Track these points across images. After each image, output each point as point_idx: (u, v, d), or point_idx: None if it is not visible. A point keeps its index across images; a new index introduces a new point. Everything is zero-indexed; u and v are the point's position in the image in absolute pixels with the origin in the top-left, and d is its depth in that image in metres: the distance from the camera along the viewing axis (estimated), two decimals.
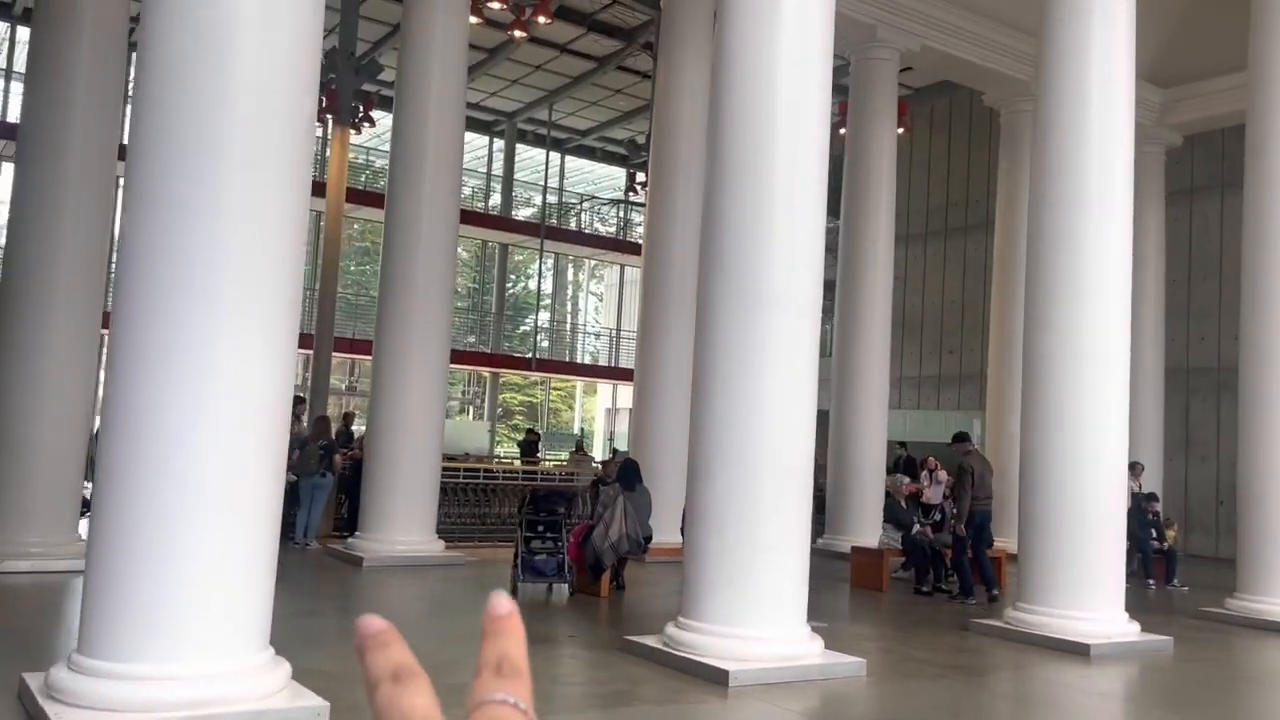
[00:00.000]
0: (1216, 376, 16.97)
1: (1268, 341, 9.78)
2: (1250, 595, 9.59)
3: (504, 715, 0.44)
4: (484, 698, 0.44)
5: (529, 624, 0.49)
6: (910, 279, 22.72)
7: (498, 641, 0.47)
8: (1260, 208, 10.03)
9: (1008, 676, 7.03)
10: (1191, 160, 17.29)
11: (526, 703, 0.45)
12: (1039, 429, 8.21)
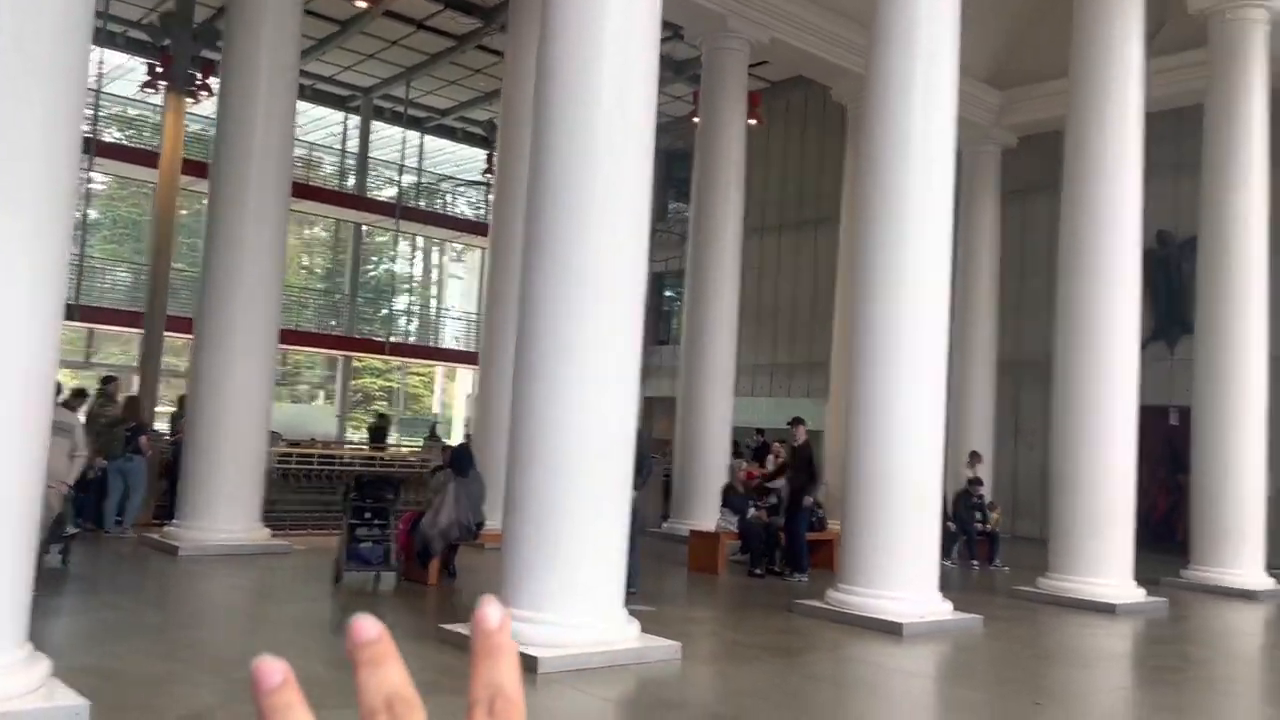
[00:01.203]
0: (1045, 369, 17.84)
1: (1078, 336, 10.29)
2: (1059, 575, 10.10)
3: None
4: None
5: (350, 612, 0.38)
6: (764, 269, 23.14)
7: (489, 667, 0.40)
8: (1074, 209, 10.54)
9: (822, 657, 7.18)
10: (1025, 160, 18.10)
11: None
12: (860, 416, 8.42)
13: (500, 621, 0.42)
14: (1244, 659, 8.62)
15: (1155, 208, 16.98)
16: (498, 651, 0.41)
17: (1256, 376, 12.01)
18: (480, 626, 0.42)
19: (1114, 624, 9.15)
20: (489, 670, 0.41)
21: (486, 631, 0.41)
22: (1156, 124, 16.86)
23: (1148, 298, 17.07)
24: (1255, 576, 11.65)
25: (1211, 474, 11.98)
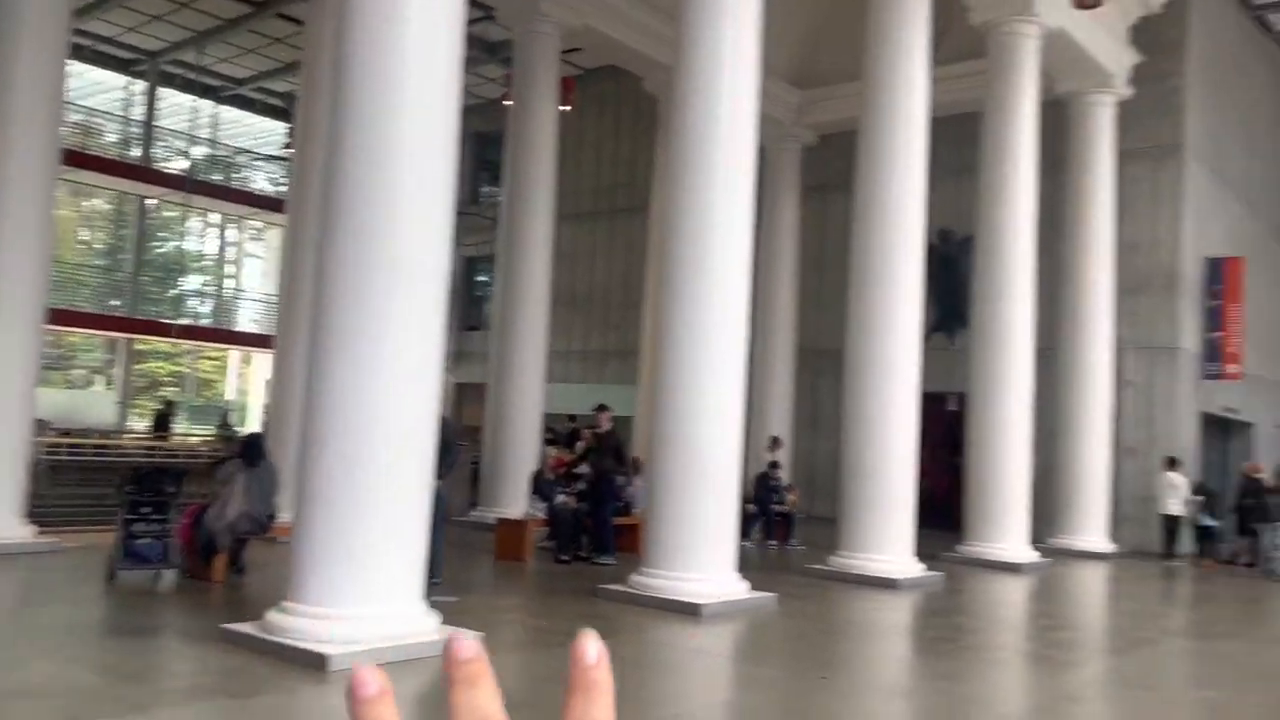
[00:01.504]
0: (841, 358, 18.76)
1: (866, 327, 10.85)
2: (848, 553, 10.64)
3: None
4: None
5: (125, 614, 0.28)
6: (578, 256, 23.20)
7: (584, 703, 0.40)
8: (865, 207, 11.09)
9: (623, 640, 7.27)
10: (825, 157, 18.92)
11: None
12: (664, 402, 8.57)
13: (598, 657, 0.40)
14: (1009, 627, 9.36)
15: (939, 207, 18.11)
16: (594, 688, 0.40)
17: (1023, 366, 13.04)
18: (578, 660, 0.40)
19: (896, 598, 9.73)
20: (584, 706, 0.39)
21: (585, 666, 0.40)
22: (941, 128, 17.97)
23: (931, 292, 18.22)
24: (1020, 550, 12.69)
25: (983, 456, 12.94)
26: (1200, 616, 10.93)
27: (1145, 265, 16.41)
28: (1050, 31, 13.43)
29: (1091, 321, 15.15)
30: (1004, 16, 13.19)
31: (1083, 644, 8.53)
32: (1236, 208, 18.72)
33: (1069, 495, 14.96)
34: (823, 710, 5.70)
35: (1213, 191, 17.56)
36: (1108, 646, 8.54)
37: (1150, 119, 16.35)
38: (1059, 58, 14.52)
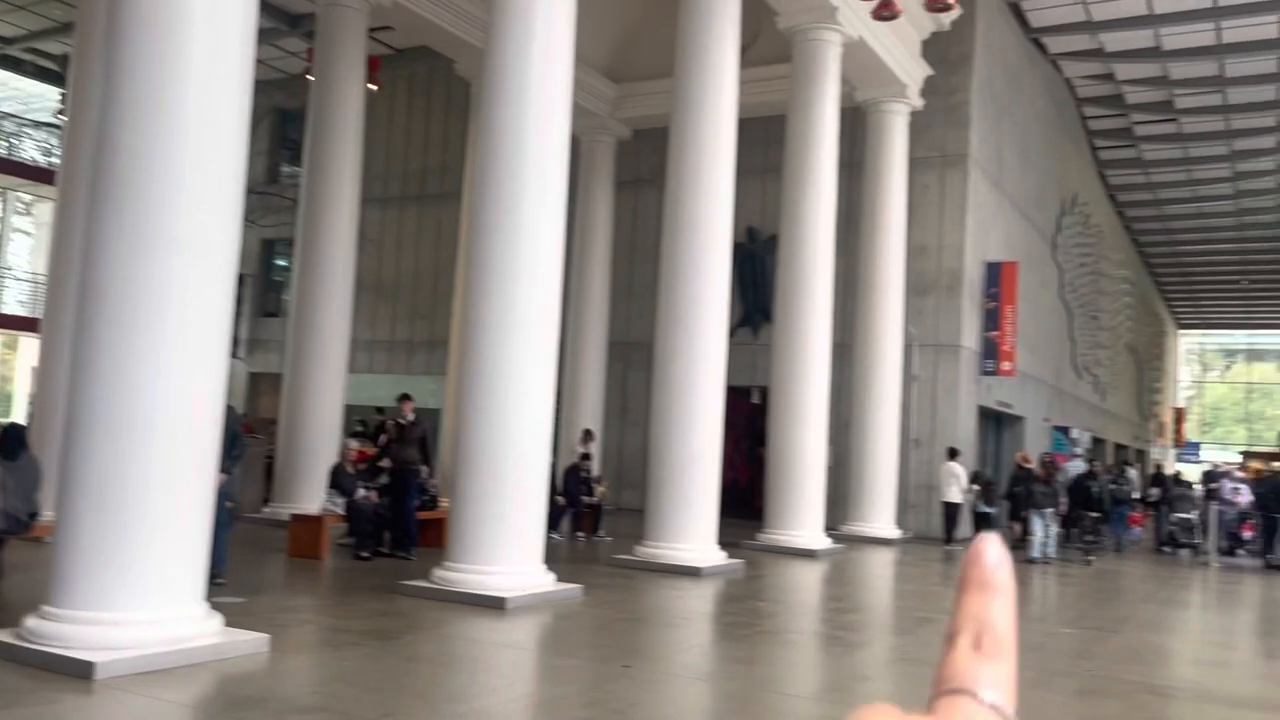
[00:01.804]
0: (650, 350, 19.03)
1: (675, 321, 11.02)
2: (654, 543, 10.79)
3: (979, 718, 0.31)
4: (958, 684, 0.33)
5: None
6: (387, 242, 22.51)
7: (980, 601, 0.37)
8: (675, 203, 11.25)
9: (423, 637, 7.06)
10: (639, 152, 19.11)
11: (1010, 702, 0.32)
12: (471, 393, 8.39)
13: (1000, 559, 0.37)
14: (803, 611, 9.72)
15: (746, 206, 18.71)
16: (993, 588, 0.36)
17: (820, 361, 13.61)
18: (977, 558, 0.37)
19: (698, 586, 9.93)
20: (979, 603, 0.36)
21: (984, 564, 0.37)
22: (749, 129, 18.51)
23: (737, 288, 18.75)
24: (816, 537, 13.25)
25: (783, 447, 13.42)
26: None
27: (932, 267, 17.48)
28: (851, 41, 14.06)
29: (883, 319, 15.99)
30: (808, 23, 13.69)
31: (870, 625, 8.97)
32: (1013, 216, 20.24)
33: (860, 484, 15.75)
34: (624, 699, 5.71)
35: (992, 200, 18.90)
36: (893, 626, 9.01)
37: (939, 130, 17.41)
38: (859, 66, 15.22)
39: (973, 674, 0.35)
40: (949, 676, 0.35)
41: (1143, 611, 10.64)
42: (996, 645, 0.36)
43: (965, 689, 0.34)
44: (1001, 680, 0.35)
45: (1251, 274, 38.67)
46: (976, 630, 0.36)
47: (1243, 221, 32.63)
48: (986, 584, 0.38)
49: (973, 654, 0.36)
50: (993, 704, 0.34)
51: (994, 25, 18.66)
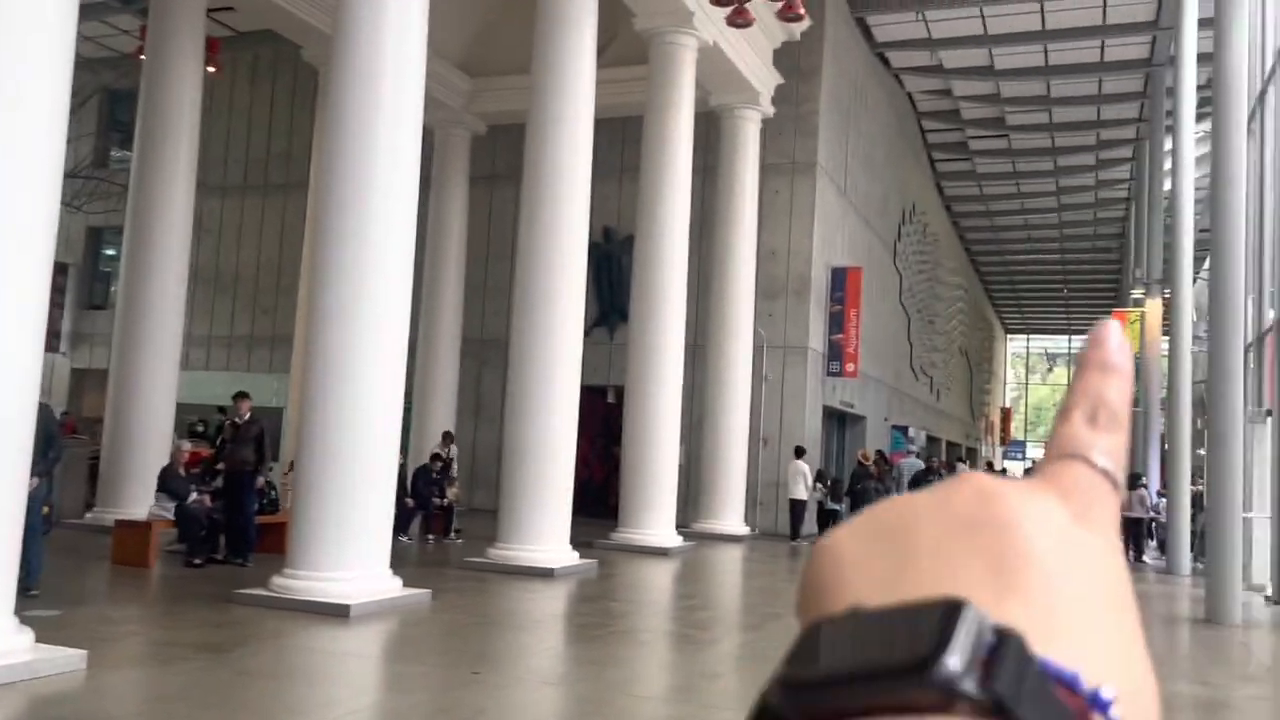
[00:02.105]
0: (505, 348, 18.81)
1: (530, 319, 10.90)
2: (507, 544, 10.64)
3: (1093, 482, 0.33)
4: (1071, 449, 0.34)
5: None
6: (226, 233, 21.48)
7: (1100, 380, 0.36)
8: (532, 201, 11.13)
9: (260, 648, 6.73)
10: (494, 148, 18.86)
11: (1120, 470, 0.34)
12: (314, 391, 8.06)
13: (1122, 343, 0.36)
14: (656, 610, 9.78)
15: (603, 206, 18.72)
16: (1114, 370, 0.36)
17: (674, 360, 13.75)
18: (1101, 340, 0.36)
19: (551, 587, 9.85)
20: (1099, 382, 0.35)
21: (1107, 347, 0.36)
22: (606, 129, 18.53)
23: (593, 287, 18.73)
24: (668, 535, 13.37)
25: (637, 446, 13.49)
26: None
27: (782, 271, 17.94)
28: (707, 46, 14.24)
29: (735, 321, 16.28)
30: (665, 26, 13.79)
31: (720, 622, 9.10)
32: (857, 223, 21.00)
33: (712, 482, 16.00)
34: (473, 706, 5.58)
35: (839, 207, 19.56)
36: (742, 623, 9.17)
37: (789, 137, 17.88)
38: (714, 72, 15.45)
39: (1087, 441, 0.35)
40: (1063, 443, 0.35)
41: None
42: (1112, 420, 0.36)
43: (1079, 454, 0.34)
44: (1115, 450, 0.35)
45: (1072, 283, 41.41)
46: (1092, 406, 0.36)
47: (1064, 234, 34.91)
48: (1108, 365, 0.37)
49: (1087, 426, 0.35)
50: (1104, 469, 0.34)
51: (841, 39, 19.30)
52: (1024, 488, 0.33)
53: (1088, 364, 0.37)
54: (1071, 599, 0.30)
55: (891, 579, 0.30)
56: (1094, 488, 0.34)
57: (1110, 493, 0.34)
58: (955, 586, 0.29)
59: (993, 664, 0.25)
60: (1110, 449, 0.35)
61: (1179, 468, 14.78)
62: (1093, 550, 0.32)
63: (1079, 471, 0.34)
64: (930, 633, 0.26)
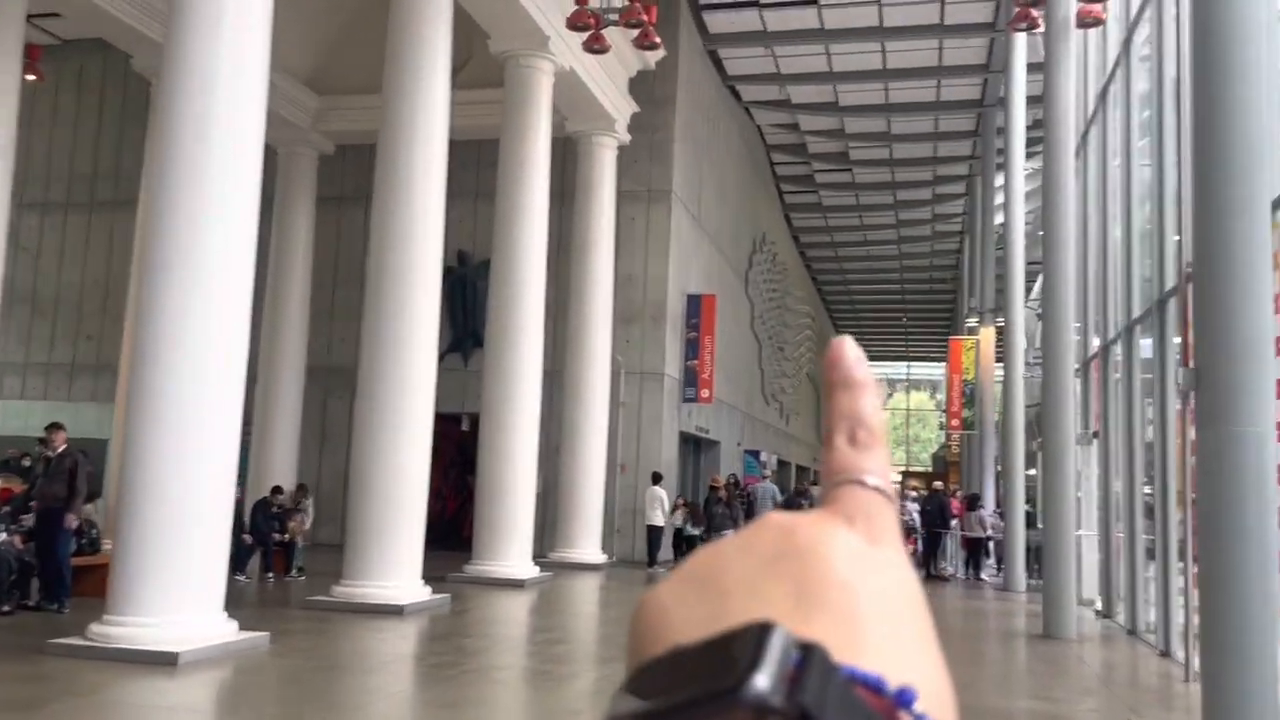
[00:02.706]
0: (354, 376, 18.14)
1: (382, 345, 10.49)
2: (353, 580, 10.13)
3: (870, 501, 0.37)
4: (846, 475, 0.38)
5: None
6: (46, 252, 19.99)
7: (849, 398, 0.39)
8: (383, 223, 10.74)
9: (75, 705, 6.12)
10: (343, 168, 18.24)
11: (888, 483, 0.38)
12: (141, 422, 7.46)
13: (857, 357, 0.40)
14: (511, 645, 9.48)
15: (458, 229, 18.38)
16: (857, 386, 0.39)
17: (531, 386, 13.51)
18: (837, 359, 0.39)
19: (401, 625, 9.42)
20: (848, 400, 0.39)
21: (845, 364, 0.39)
22: (462, 151, 18.21)
23: (447, 312, 18.33)
24: (524, 567, 13.07)
25: (493, 475, 13.16)
26: None
27: (639, 297, 17.99)
28: (563, 71, 14.18)
29: (592, 347, 16.19)
30: (520, 50, 13.66)
31: (578, 656, 8.89)
32: (711, 251, 21.33)
33: (569, 510, 15.79)
34: None
35: (693, 235, 19.81)
36: (600, 656, 8.98)
37: (644, 165, 18.01)
38: (571, 97, 15.40)
39: (854, 464, 0.37)
40: (835, 471, 0.38)
41: None
42: (870, 436, 0.38)
43: (851, 479, 0.37)
44: (880, 465, 0.38)
45: (910, 312, 43.34)
46: (850, 426, 0.38)
47: (904, 265, 36.51)
48: (851, 382, 0.39)
49: (850, 448, 0.38)
50: (875, 486, 0.37)
51: (695, 70, 19.64)
52: (816, 519, 0.35)
53: (832, 385, 0.39)
54: (871, 611, 0.32)
55: (709, 618, 0.32)
56: (871, 506, 0.36)
57: (886, 505, 0.37)
58: (765, 613, 0.31)
59: (799, 677, 0.27)
60: (875, 466, 0.37)
61: (1014, 488, 15.50)
62: (884, 563, 0.35)
63: (856, 494, 0.37)
64: (742, 656, 0.28)
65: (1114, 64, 12.05)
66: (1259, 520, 4.31)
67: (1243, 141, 4.65)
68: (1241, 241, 4.72)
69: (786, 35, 19.81)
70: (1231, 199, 4.65)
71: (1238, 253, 4.73)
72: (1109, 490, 12.29)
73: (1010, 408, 15.75)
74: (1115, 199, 12.32)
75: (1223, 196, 4.70)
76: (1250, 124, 4.67)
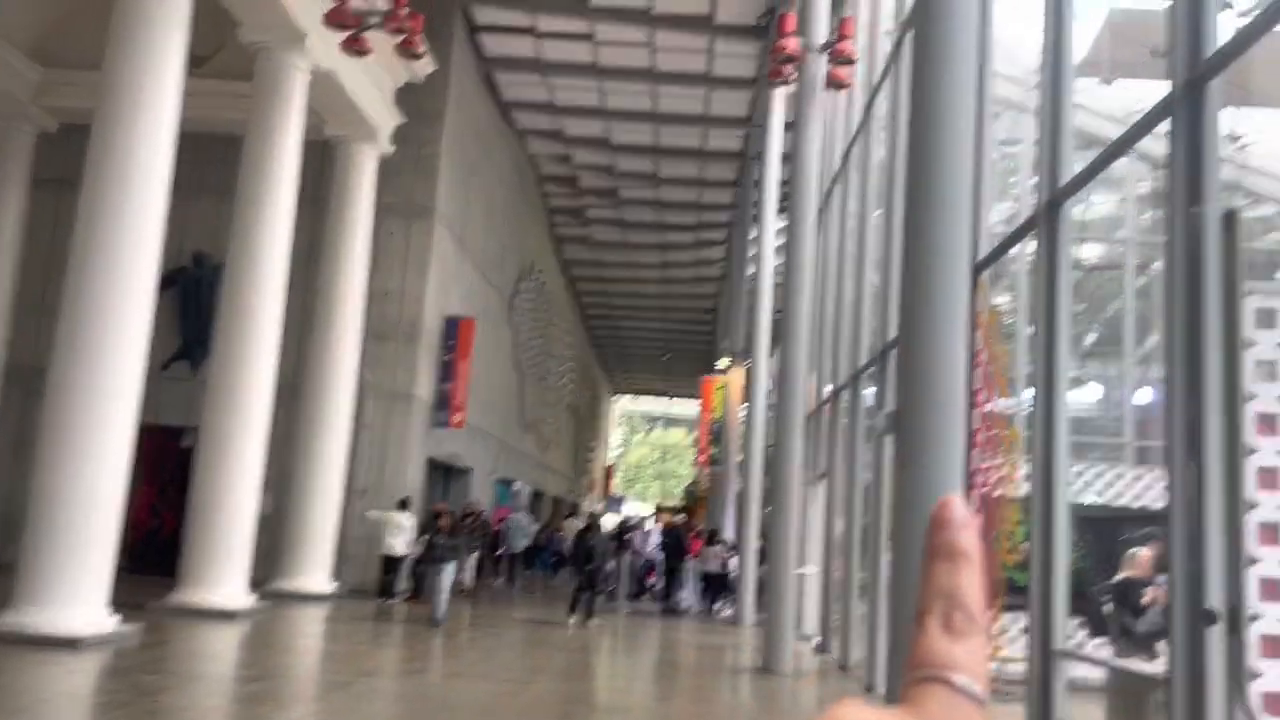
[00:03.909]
0: None
1: (78, 346, 9.47)
2: (26, 608, 8.92)
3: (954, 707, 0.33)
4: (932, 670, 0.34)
5: None
6: None
7: (948, 571, 0.34)
8: (93, 211, 9.72)
9: None
10: (67, 149, 16.46)
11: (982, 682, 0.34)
12: None
13: (965, 520, 0.35)
14: (198, 683, 8.62)
15: (196, 228, 17.08)
16: (961, 557, 0.34)
17: (263, 400, 12.60)
18: (943, 521, 0.35)
19: (78, 660, 8.39)
20: (949, 576, 0.34)
21: (951, 530, 0.35)
22: (207, 146, 16.99)
23: (178, 316, 16.94)
24: (238, 596, 12.07)
25: (211, 495, 12.13)
26: (400, 655, 11.43)
27: (393, 315, 17.32)
28: (322, 71, 13.48)
29: (338, 363, 15.39)
30: (275, 43, 12.87)
31: (275, 695, 8.20)
32: (474, 274, 20.95)
33: (298, 536, 14.83)
34: None
35: (456, 256, 19.37)
36: (300, 694, 8.36)
37: (408, 178, 17.44)
38: (330, 101, 14.68)
39: (944, 656, 0.34)
40: (921, 662, 0.34)
41: (559, 661, 11.17)
42: (967, 623, 0.34)
43: (937, 676, 0.33)
44: (973, 660, 0.34)
45: (673, 349, 44.58)
46: (946, 607, 0.34)
47: (667, 304, 37.53)
48: (955, 553, 0.34)
49: (943, 635, 0.34)
50: (964, 688, 0.33)
51: (467, 88, 19.32)
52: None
53: (935, 552, 0.35)
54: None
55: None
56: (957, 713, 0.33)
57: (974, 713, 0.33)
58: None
59: None
60: (968, 660, 0.34)
61: (749, 525, 16.02)
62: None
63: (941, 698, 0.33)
64: None
65: (857, 128, 12.83)
66: None
67: (948, 211, 4.92)
68: (943, 300, 4.98)
69: (562, 67, 19.91)
70: (935, 264, 4.90)
71: (939, 310, 4.99)
72: (832, 529, 12.91)
73: (751, 447, 16.32)
74: (850, 256, 13.07)
75: (928, 260, 4.95)
76: (955, 194, 4.96)
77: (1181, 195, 3.91)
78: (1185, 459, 3.79)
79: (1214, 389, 3.74)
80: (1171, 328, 3.90)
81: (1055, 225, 5.46)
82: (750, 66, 19.16)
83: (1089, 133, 8.44)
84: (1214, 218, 3.79)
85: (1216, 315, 3.77)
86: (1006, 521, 6.24)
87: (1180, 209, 3.89)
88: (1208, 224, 3.78)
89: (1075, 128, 6.12)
